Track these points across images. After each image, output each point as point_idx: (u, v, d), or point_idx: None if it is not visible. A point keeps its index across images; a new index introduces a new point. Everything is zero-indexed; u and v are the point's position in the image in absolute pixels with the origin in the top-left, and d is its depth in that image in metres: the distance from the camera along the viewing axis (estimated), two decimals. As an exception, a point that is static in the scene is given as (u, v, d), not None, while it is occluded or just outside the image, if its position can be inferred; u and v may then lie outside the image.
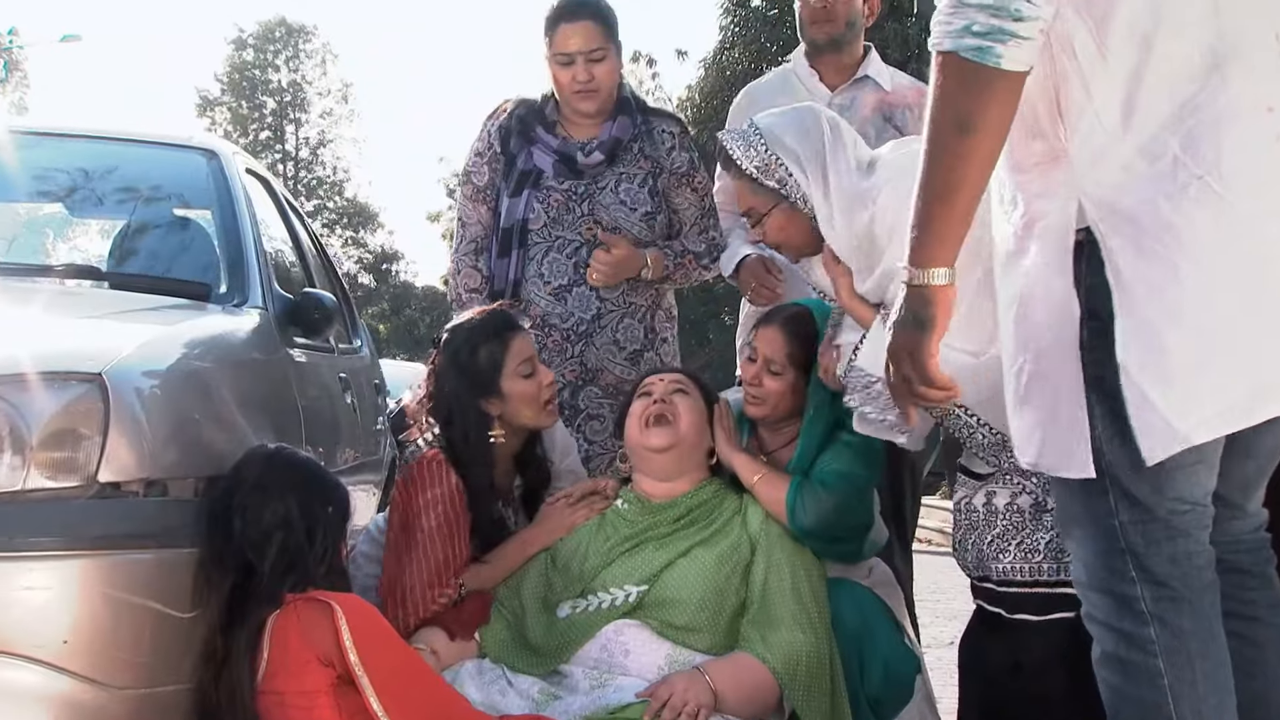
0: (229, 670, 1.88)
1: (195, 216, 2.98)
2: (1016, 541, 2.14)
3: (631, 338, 2.95)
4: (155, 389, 1.92)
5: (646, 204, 2.94)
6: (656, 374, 2.44)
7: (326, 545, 1.99)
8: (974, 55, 1.48)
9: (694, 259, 3.00)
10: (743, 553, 2.23)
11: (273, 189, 3.46)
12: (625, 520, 2.32)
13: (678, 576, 2.19)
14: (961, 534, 2.24)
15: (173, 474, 1.89)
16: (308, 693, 1.87)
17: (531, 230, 2.91)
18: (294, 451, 2.12)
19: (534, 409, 2.42)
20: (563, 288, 2.91)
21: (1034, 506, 2.13)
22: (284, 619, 1.90)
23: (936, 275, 1.57)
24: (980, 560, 2.19)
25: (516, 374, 2.39)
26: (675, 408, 2.33)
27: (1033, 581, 2.12)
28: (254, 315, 2.56)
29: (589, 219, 2.91)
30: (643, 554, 2.24)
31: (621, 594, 2.19)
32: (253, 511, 1.94)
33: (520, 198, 2.92)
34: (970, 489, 2.23)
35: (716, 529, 2.27)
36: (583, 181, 2.92)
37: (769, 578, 2.20)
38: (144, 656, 1.81)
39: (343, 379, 3.29)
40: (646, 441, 2.31)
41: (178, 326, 2.25)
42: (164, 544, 1.85)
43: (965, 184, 1.53)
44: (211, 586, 1.90)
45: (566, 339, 2.91)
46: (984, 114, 1.50)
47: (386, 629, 1.96)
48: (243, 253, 2.72)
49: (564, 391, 2.88)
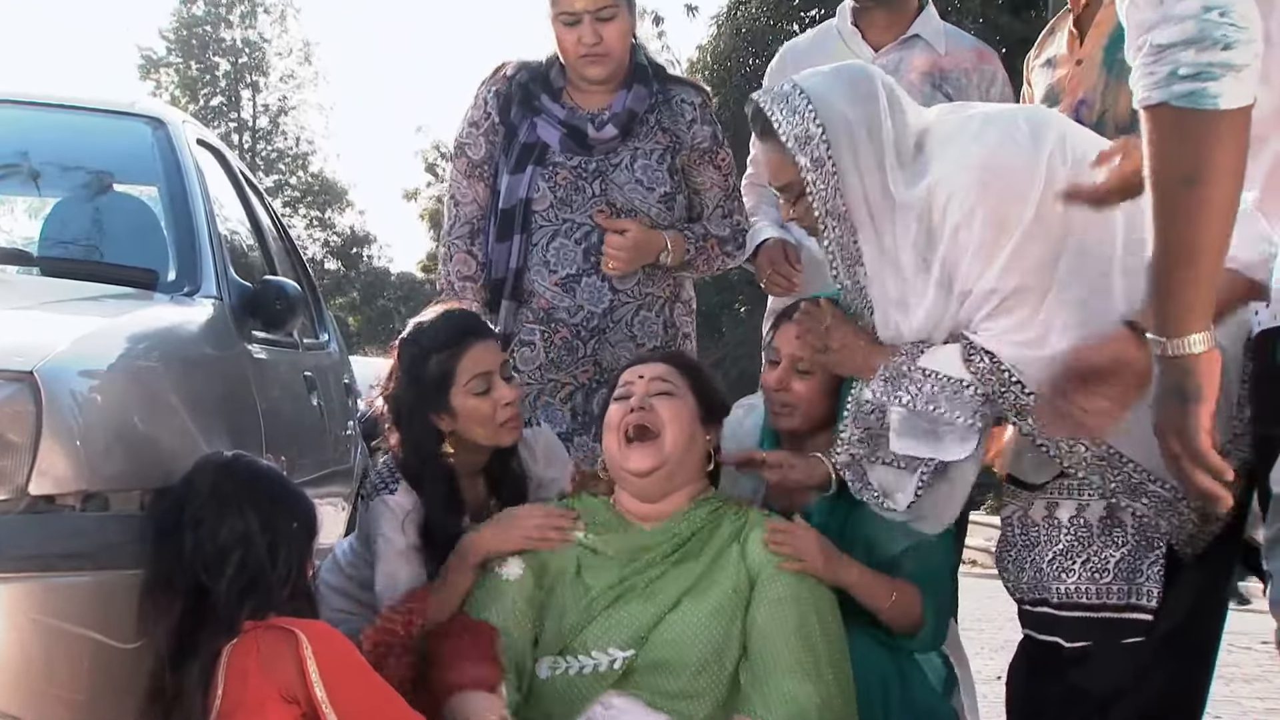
0: (179, 708, 1.87)
1: (139, 194, 2.99)
2: (1082, 559, 2.14)
3: (649, 333, 2.94)
4: (94, 389, 1.91)
5: (665, 183, 2.92)
6: (635, 365, 2.36)
7: (290, 566, 1.99)
8: (1187, 102, 1.48)
9: (718, 244, 2.99)
10: (741, 593, 2.16)
11: (227, 163, 3.46)
12: (605, 562, 2.23)
13: (670, 636, 2.13)
14: (1016, 551, 2.23)
15: (114, 486, 1.89)
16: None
17: (536, 212, 2.90)
18: (253, 460, 2.12)
19: (487, 429, 2.42)
20: (571, 277, 2.89)
21: (1103, 520, 2.13)
22: (241, 649, 1.90)
23: (1194, 343, 1.56)
24: (1038, 580, 2.18)
25: (467, 390, 2.39)
26: (658, 416, 2.23)
27: (1099, 604, 2.12)
28: (207, 306, 2.55)
29: (601, 200, 2.89)
30: (627, 608, 2.17)
31: (606, 659, 2.13)
32: (207, 527, 1.94)
33: (523, 175, 2.91)
34: (1024, 501, 2.23)
35: (711, 563, 2.20)
36: (594, 158, 2.91)
37: (770, 618, 2.12)
38: (80, 693, 1.80)
39: (308, 378, 3.30)
40: (626, 463, 2.23)
41: (120, 319, 2.24)
42: (104, 565, 1.84)
43: (1205, 242, 1.53)
44: (159, 613, 1.89)
45: (576, 335, 2.89)
46: (1211, 162, 1.49)
47: (357, 660, 1.95)
48: (194, 235, 2.71)
49: (576, 395, 2.88)
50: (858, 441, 2.20)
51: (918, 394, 2.11)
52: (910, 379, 2.11)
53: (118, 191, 2.99)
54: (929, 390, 2.10)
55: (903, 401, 2.12)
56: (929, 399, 2.09)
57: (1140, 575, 2.12)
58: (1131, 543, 2.13)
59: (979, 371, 2.05)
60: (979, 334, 2.06)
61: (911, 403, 2.11)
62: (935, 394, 2.09)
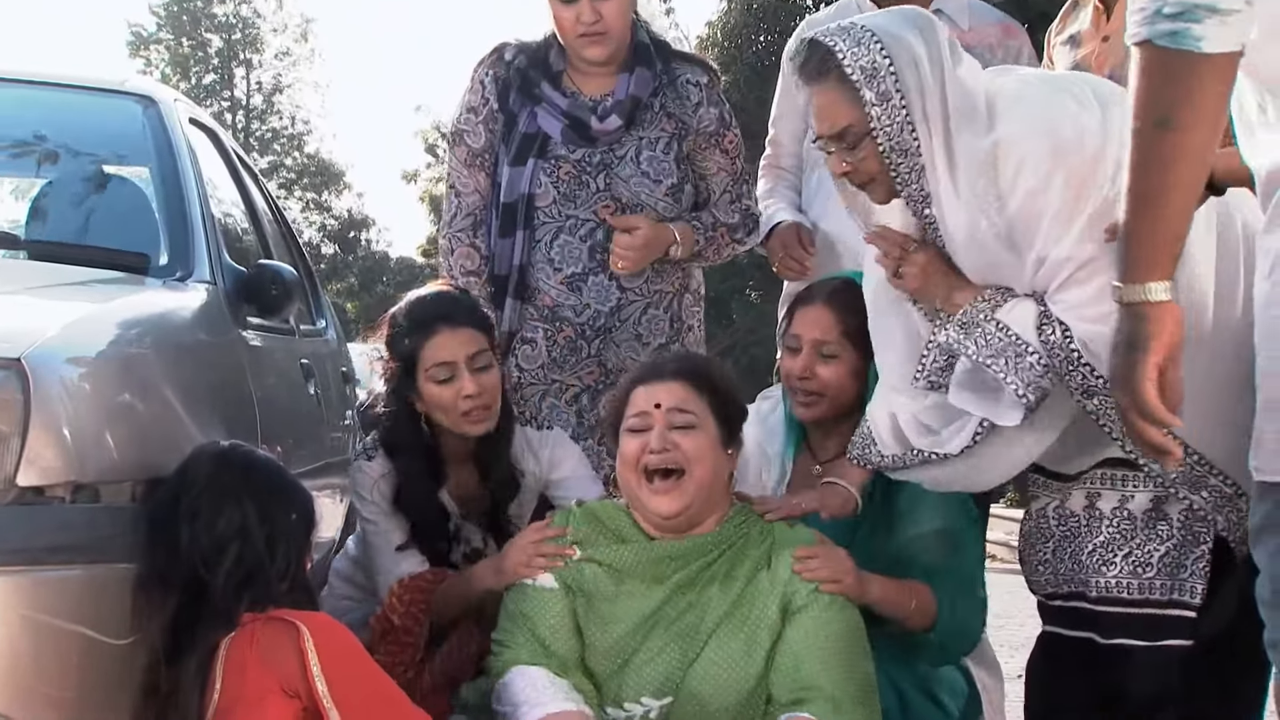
0: (175, 704, 1.88)
1: (130, 175, 2.98)
2: (1124, 552, 2.14)
3: (656, 330, 2.92)
4: (84, 377, 1.91)
5: (672, 174, 2.90)
6: (648, 381, 2.22)
7: (289, 558, 2.00)
8: (1169, 41, 1.50)
9: (727, 232, 2.97)
10: (771, 618, 2.13)
11: (221, 142, 3.46)
12: (631, 586, 2.18)
13: (706, 678, 2.11)
14: (1054, 544, 2.22)
15: (105, 477, 1.89)
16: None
17: (539, 208, 2.88)
18: (250, 450, 2.13)
19: (450, 418, 2.50)
20: (577, 276, 2.87)
21: (1148, 513, 2.12)
22: (240, 642, 1.91)
23: (1154, 290, 1.59)
24: (1076, 573, 2.18)
25: (429, 377, 2.48)
26: (682, 455, 2.15)
27: (1140, 600, 2.12)
28: (200, 291, 2.55)
29: (605, 195, 2.87)
30: (659, 650, 2.14)
31: (640, 710, 2.12)
32: (204, 519, 1.94)
33: (524, 168, 2.88)
34: (1060, 492, 2.22)
35: (741, 592, 2.15)
36: (597, 150, 2.88)
37: (809, 642, 2.11)
38: (71, 690, 1.80)
39: (304, 365, 3.30)
40: (650, 505, 2.16)
41: (110, 304, 2.24)
42: (95, 558, 1.84)
43: (1176, 187, 1.55)
44: (153, 607, 1.90)
45: (581, 335, 2.88)
46: (1188, 106, 1.51)
47: (359, 653, 1.96)
48: (186, 218, 2.71)
49: (582, 397, 2.88)
50: (939, 370, 2.18)
51: (984, 347, 2.08)
52: (983, 330, 2.09)
53: (107, 173, 2.99)
54: (995, 345, 2.07)
55: (969, 353, 2.10)
56: (992, 354, 2.07)
57: (1184, 571, 2.12)
58: (1177, 537, 2.12)
59: (1048, 342, 2.03)
60: (1054, 304, 2.05)
61: (977, 355, 2.09)
62: (1000, 351, 2.06)
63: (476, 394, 2.46)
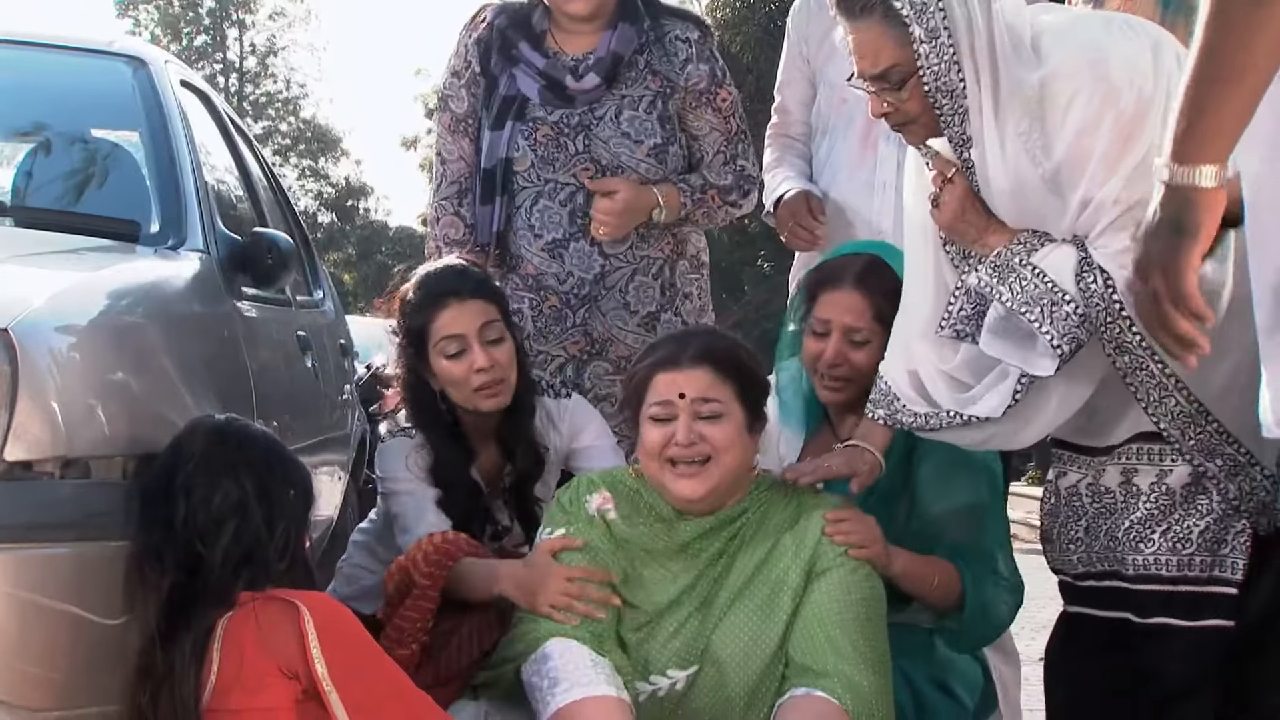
0: (170, 686, 1.89)
1: (119, 139, 2.97)
2: (1163, 529, 2.13)
3: (645, 298, 2.91)
4: (73, 348, 1.91)
5: (655, 134, 2.88)
6: (670, 368, 2.19)
7: (289, 535, 2.00)
8: None
9: (718, 194, 2.95)
10: (794, 580, 2.15)
11: (214, 106, 3.45)
12: (656, 561, 2.19)
13: (725, 645, 2.13)
14: (1087, 521, 2.21)
15: (96, 452, 1.89)
16: (266, 711, 1.88)
17: (517, 173, 2.88)
18: (247, 424, 2.13)
19: (462, 393, 2.50)
20: (558, 242, 2.87)
21: (1187, 487, 2.12)
22: (238, 622, 1.91)
23: (1204, 175, 1.57)
24: (1110, 551, 2.17)
25: (439, 352, 2.48)
26: (709, 445, 2.14)
27: (1179, 577, 2.11)
28: (193, 260, 2.55)
29: (585, 157, 2.86)
30: (682, 618, 2.16)
31: (667, 682, 2.15)
32: (200, 495, 1.94)
33: (502, 131, 2.88)
34: (1092, 467, 2.21)
35: (765, 557, 2.17)
36: (576, 110, 2.87)
37: (831, 604, 2.13)
38: (61, 672, 1.81)
39: (301, 338, 3.30)
40: (674, 490, 2.17)
41: (100, 273, 2.24)
42: (85, 536, 1.85)
43: (1255, 65, 1.52)
44: (146, 586, 1.90)
45: (566, 304, 2.87)
46: None
47: (361, 634, 1.96)
48: (178, 183, 2.70)
49: (567, 368, 2.88)
50: (965, 318, 2.17)
51: (1019, 293, 2.06)
52: (1018, 275, 2.07)
53: (96, 137, 2.98)
54: (1031, 292, 2.05)
55: (1003, 299, 2.08)
56: (1027, 302, 2.05)
57: (1225, 546, 2.11)
58: (1217, 511, 2.12)
59: (1087, 290, 2.02)
60: (1096, 250, 2.04)
61: (1011, 302, 2.07)
62: (1035, 298, 2.04)
63: (488, 367, 2.45)
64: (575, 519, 2.24)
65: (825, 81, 3.06)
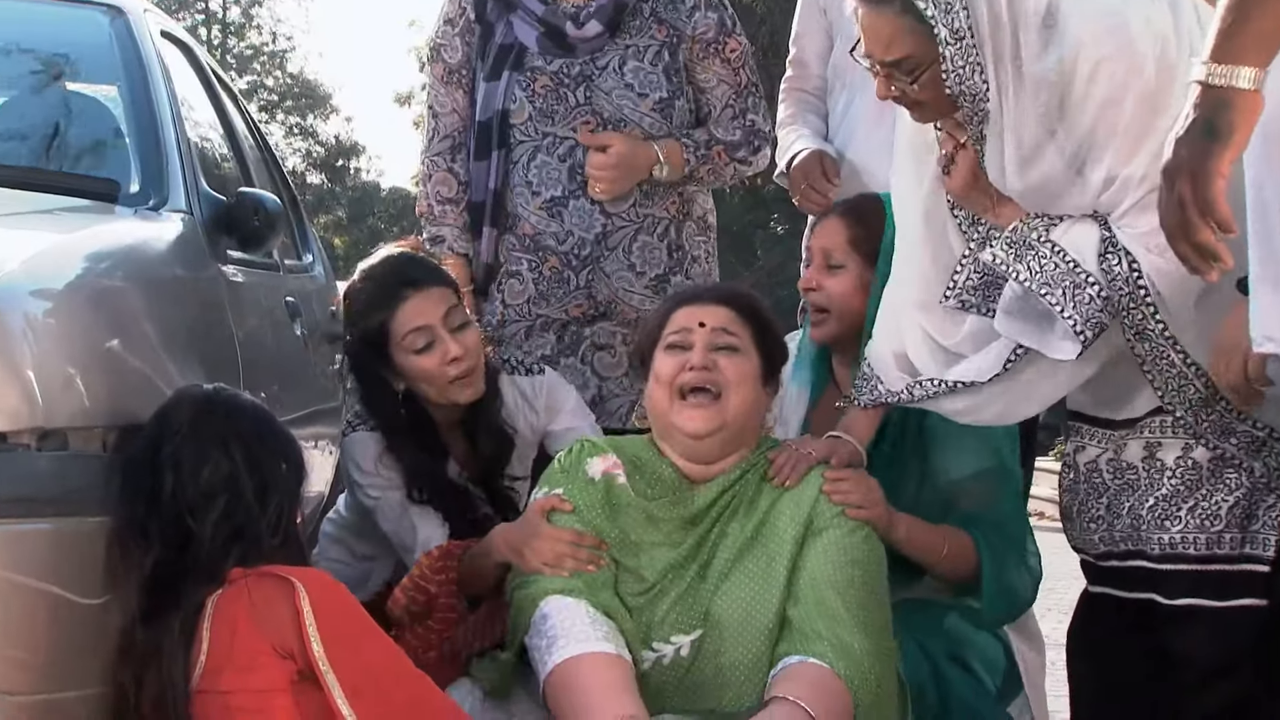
0: (156, 667, 1.90)
1: (97, 93, 2.96)
2: (1190, 505, 2.13)
3: (651, 260, 2.90)
4: (49, 314, 1.91)
5: (661, 87, 2.87)
6: (691, 303, 2.30)
7: (282, 510, 2.01)
8: None
9: (725, 150, 2.94)
10: (791, 538, 2.17)
11: (196, 59, 3.45)
12: (659, 529, 2.22)
13: (726, 609, 2.16)
14: (1109, 498, 2.21)
15: (74, 423, 1.89)
16: (260, 692, 1.89)
17: (514, 126, 2.87)
18: (236, 394, 2.13)
19: (436, 388, 2.47)
20: (557, 200, 2.86)
21: (1214, 461, 2.12)
22: (229, 600, 1.92)
23: (1242, 76, 1.60)
24: (1135, 530, 2.17)
25: (405, 348, 2.45)
26: (722, 375, 2.20)
27: (1208, 555, 2.11)
28: (175, 221, 2.55)
29: (585, 110, 2.85)
30: (684, 584, 2.19)
31: (671, 649, 2.17)
32: (189, 468, 1.95)
33: (498, 82, 2.87)
34: (1112, 442, 2.21)
35: (763, 518, 2.21)
36: (577, 60, 2.86)
37: (827, 566, 2.15)
38: (37, 653, 1.82)
39: (290, 304, 3.30)
40: (680, 423, 2.21)
41: (77, 235, 2.24)
42: (63, 511, 1.85)
43: None
44: (129, 563, 1.91)
45: (566, 265, 2.87)
46: None
47: (358, 612, 1.97)
48: (159, 140, 2.70)
49: (569, 326, 2.87)
50: (972, 289, 2.18)
51: (1038, 273, 2.07)
52: (1036, 253, 2.08)
53: (72, 90, 2.97)
54: (1050, 272, 2.06)
55: (1020, 278, 2.08)
56: (1047, 283, 2.05)
57: (1255, 522, 2.12)
58: (1246, 485, 2.12)
59: (1110, 272, 2.02)
60: (1120, 231, 2.03)
61: (1029, 281, 2.07)
62: (1056, 279, 2.05)
63: (462, 355, 2.44)
64: (573, 479, 2.26)
65: (843, 34, 3.05)
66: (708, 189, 3.06)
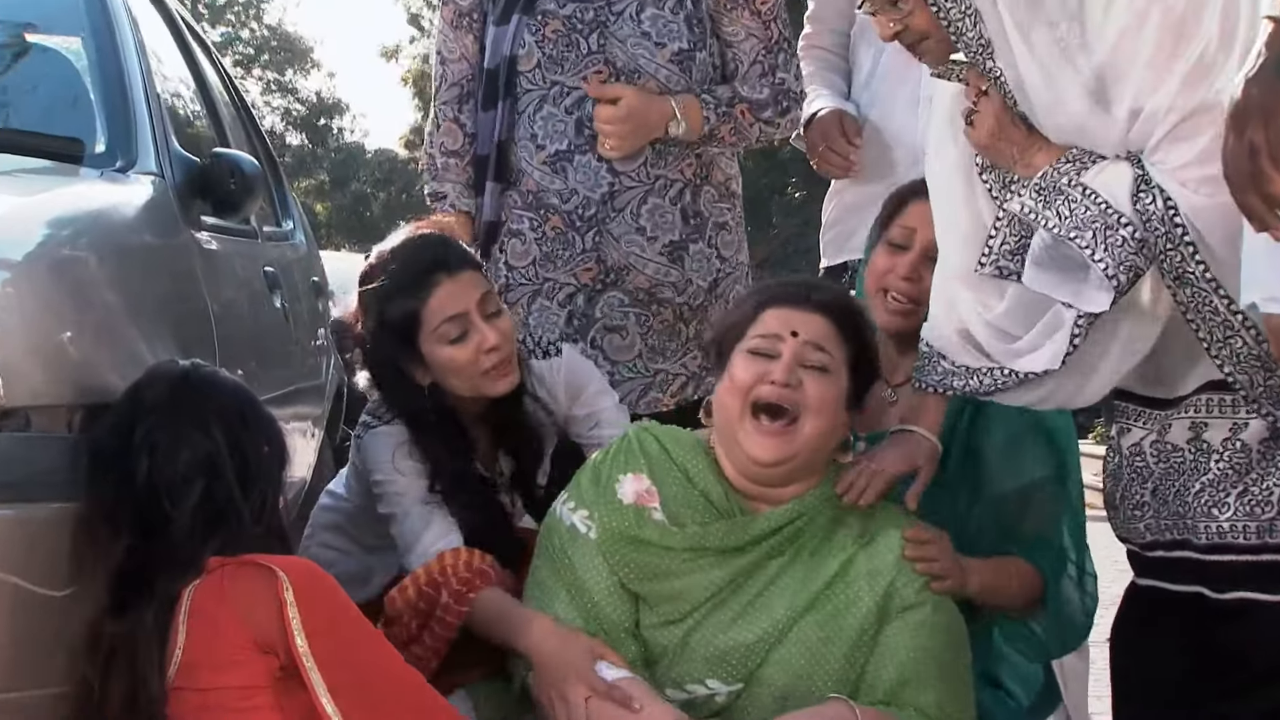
0: (131, 660, 1.90)
1: (59, 46, 2.95)
2: (1239, 490, 2.13)
3: (662, 224, 2.88)
4: (9, 284, 1.91)
5: (681, 37, 2.84)
6: (787, 304, 2.19)
7: (265, 495, 2.01)
8: None
9: (750, 109, 2.91)
10: (864, 607, 2.11)
11: (166, 9, 3.45)
12: (704, 562, 2.15)
13: (781, 668, 2.10)
14: (1154, 483, 2.21)
15: (36, 401, 1.89)
16: (241, 689, 1.89)
17: (522, 73, 2.85)
18: (214, 371, 2.14)
19: (469, 381, 2.43)
20: (561, 154, 2.84)
21: (1265, 442, 2.11)
22: (207, 591, 1.91)
23: None
24: (1180, 518, 2.17)
25: (439, 338, 2.40)
26: (804, 396, 2.12)
27: (1259, 545, 2.11)
28: (145, 184, 2.55)
29: (598, 58, 2.83)
30: (729, 625, 2.13)
31: (705, 692, 2.12)
32: (165, 450, 1.95)
33: (508, 26, 2.86)
34: (1156, 423, 2.21)
35: (836, 572, 2.14)
36: (592, 4, 2.84)
37: (912, 645, 2.10)
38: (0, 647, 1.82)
39: (269, 274, 3.30)
40: (748, 445, 2.13)
41: (38, 198, 2.24)
42: (25, 496, 1.85)
43: None
44: (97, 553, 1.91)
45: (570, 225, 2.85)
46: None
47: (345, 604, 1.97)
48: (128, 97, 2.70)
49: (577, 297, 2.86)
50: (1009, 253, 2.16)
51: (1068, 217, 2.05)
52: (1067, 197, 2.06)
53: (32, 42, 2.97)
54: (1081, 216, 2.04)
55: (1049, 224, 2.06)
56: (1077, 227, 2.03)
57: None
58: None
59: (1145, 213, 2.00)
60: (1152, 167, 2.02)
61: (1059, 227, 2.05)
62: (1087, 222, 2.03)
63: (498, 344, 2.41)
64: (602, 499, 2.20)
65: None
66: (732, 153, 3.04)
